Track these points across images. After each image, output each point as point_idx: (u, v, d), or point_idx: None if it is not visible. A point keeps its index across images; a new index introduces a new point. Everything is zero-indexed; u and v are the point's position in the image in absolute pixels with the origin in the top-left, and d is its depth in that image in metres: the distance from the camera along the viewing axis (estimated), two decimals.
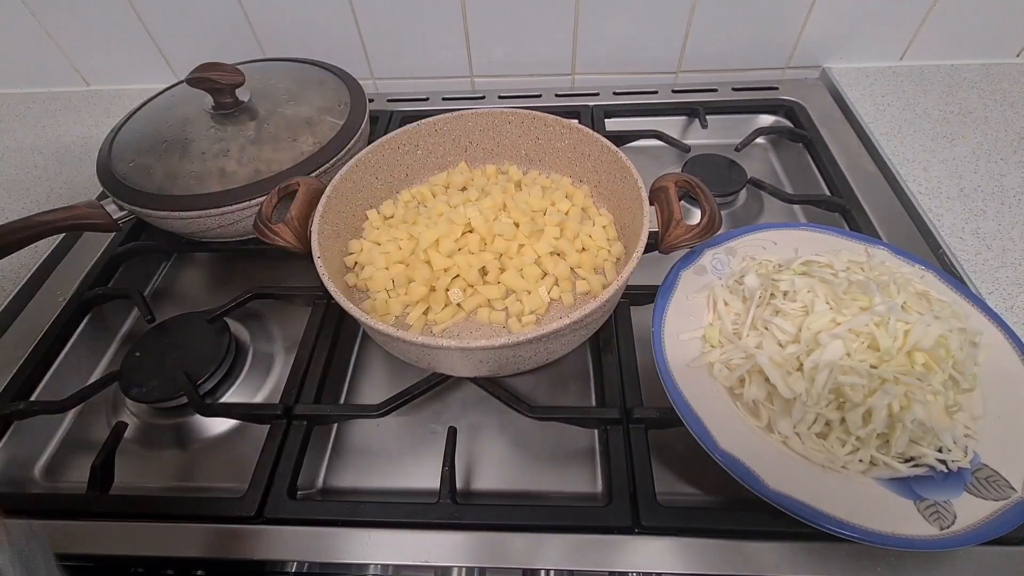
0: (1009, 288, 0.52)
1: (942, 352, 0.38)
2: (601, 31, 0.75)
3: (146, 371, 0.50)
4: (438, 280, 0.48)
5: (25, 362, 0.53)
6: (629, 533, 0.40)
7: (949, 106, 0.71)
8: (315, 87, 0.64)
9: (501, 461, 0.47)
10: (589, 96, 0.79)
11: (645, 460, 0.42)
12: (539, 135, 0.58)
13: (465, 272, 0.48)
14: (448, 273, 0.48)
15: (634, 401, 0.45)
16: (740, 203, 0.66)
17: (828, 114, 0.73)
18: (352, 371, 0.55)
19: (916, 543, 0.33)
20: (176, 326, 0.54)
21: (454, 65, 0.81)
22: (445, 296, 0.48)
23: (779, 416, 0.39)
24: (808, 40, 0.76)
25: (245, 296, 0.54)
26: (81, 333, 0.57)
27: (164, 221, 0.55)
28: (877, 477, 0.37)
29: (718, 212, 0.45)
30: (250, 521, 0.41)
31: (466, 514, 0.41)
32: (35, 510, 0.44)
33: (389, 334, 0.39)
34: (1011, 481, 0.36)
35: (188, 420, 0.51)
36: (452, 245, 0.49)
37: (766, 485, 0.36)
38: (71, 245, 0.65)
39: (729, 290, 0.47)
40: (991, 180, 0.62)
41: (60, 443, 0.52)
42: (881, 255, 0.48)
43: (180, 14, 0.77)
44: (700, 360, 0.43)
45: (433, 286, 0.48)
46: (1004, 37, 0.75)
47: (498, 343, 0.38)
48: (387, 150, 0.55)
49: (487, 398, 0.48)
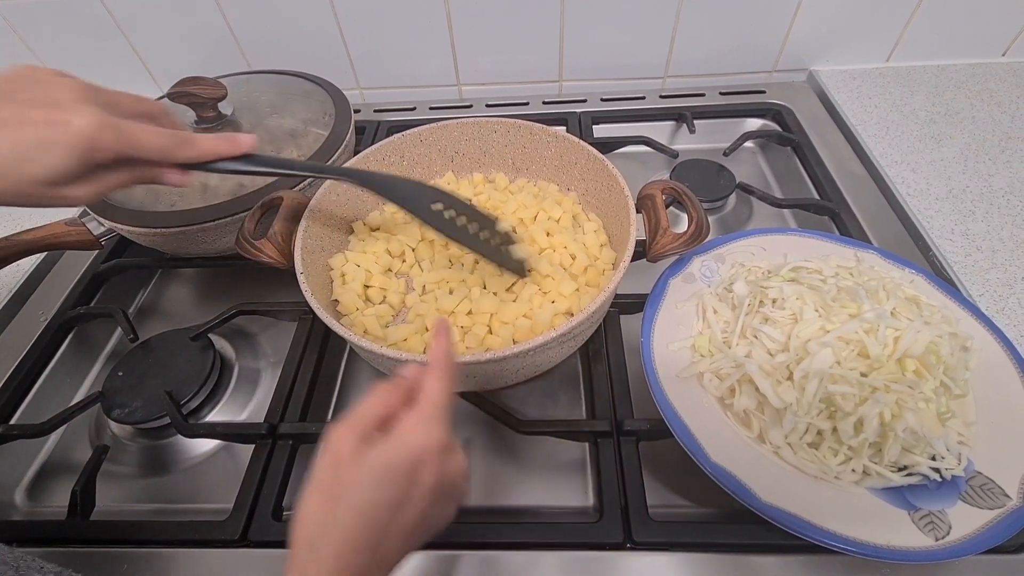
0: (1000, 289, 0.51)
1: (933, 358, 0.37)
2: (587, 37, 0.75)
3: (129, 391, 0.49)
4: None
5: (5, 384, 0.52)
6: (621, 549, 0.39)
7: (936, 107, 0.71)
8: (300, 99, 0.64)
9: (491, 476, 0.46)
10: (577, 103, 0.78)
11: (636, 473, 0.41)
12: (526, 144, 0.57)
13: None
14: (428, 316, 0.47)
15: (625, 413, 0.44)
16: (729, 208, 0.66)
17: (816, 117, 0.73)
18: (340, 386, 0.54)
19: (911, 555, 0.33)
20: (160, 344, 0.53)
21: (441, 74, 0.80)
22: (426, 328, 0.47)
23: (770, 426, 0.39)
24: (794, 43, 0.76)
25: (229, 312, 0.53)
26: (63, 353, 0.56)
27: (146, 238, 0.54)
28: (870, 487, 0.36)
29: (705, 219, 0.45)
30: (234, 544, 0.41)
31: (454, 533, 0.40)
32: (14, 537, 0.43)
33: (372, 350, 0.39)
34: (1006, 489, 0.35)
35: (172, 440, 0.50)
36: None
37: (758, 497, 0.35)
38: (53, 263, 0.64)
39: (718, 298, 0.46)
40: (979, 180, 0.61)
41: (42, 465, 0.51)
42: (871, 259, 0.48)
43: (164, 28, 0.77)
44: (690, 370, 0.42)
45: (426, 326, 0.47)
46: (990, 36, 0.75)
47: (484, 358, 0.38)
48: (372, 161, 0.55)
49: (476, 412, 0.47)
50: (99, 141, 0.29)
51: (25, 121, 0.28)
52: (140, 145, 0.31)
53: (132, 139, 0.31)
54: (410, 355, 0.38)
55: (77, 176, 0.30)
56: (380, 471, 0.26)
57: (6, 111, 0.28)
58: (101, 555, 0.41)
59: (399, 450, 0.27)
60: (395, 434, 0.27)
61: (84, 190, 0.31)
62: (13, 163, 0.28)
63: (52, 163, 0.29)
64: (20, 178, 0.29)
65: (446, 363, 0.30)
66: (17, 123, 0.28)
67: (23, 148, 0.28)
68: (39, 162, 0.29)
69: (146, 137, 0.31)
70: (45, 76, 0.31)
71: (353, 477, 0.26)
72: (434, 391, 0.29)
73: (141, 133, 0.31)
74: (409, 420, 0.28)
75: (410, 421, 0.28)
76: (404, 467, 0.26)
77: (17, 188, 0.29)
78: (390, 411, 0.29)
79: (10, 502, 0.48)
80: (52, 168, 0.29)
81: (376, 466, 0.26)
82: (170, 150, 0.33)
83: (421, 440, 0.27)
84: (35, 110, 0.29)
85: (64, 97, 0.30)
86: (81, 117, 0.29)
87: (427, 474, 0.27)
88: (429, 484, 0.27)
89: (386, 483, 0.26)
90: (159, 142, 0.32)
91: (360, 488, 0.26)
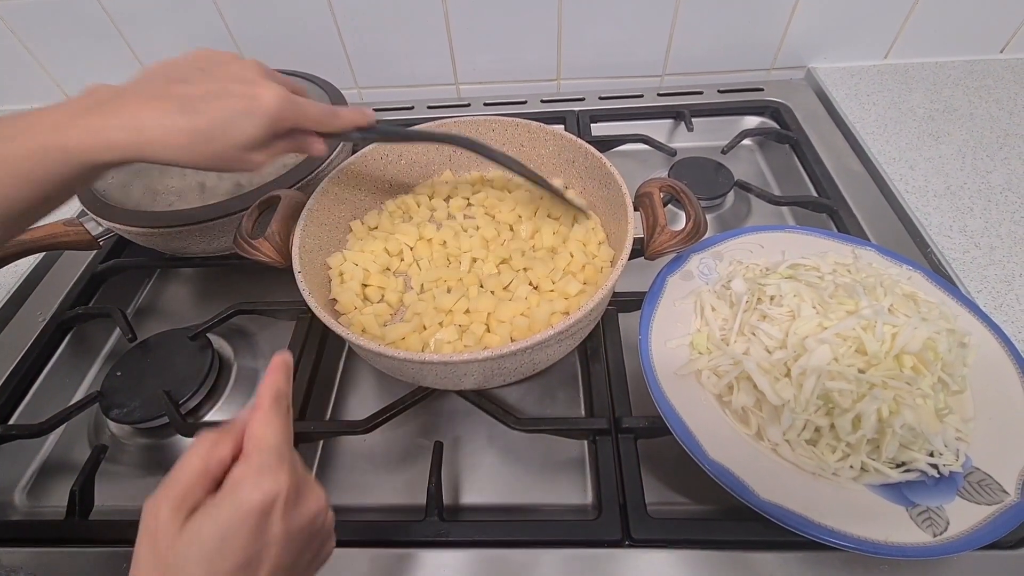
0: (998, 286, 0.51)
1: (930, 354, 0.37)
2: (585, 36, 0.75)
3: (127, 391, 0.49)
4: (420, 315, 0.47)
5: (4, 384, 0.52)
6: (619, 546, 0.39)
7: (934, 104, 0.71)
8: None
9: (489, 474, 0.46)
10: (575, 101, 0.78)
11: (635, 471, 0.41)
12: (523, 142, 0.57)
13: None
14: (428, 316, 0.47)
15: (623, 410, 0.44)
16: (728, 206, 0.66)
17: (814, 114, 0.73)
18: (339, 384, 0.54)
19: (909, 551, 0.33)
20: (158, 344, 0.53)
21: (439, 73, 0.80)
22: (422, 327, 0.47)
23: (768, 423, 0.39)
24: (792, 40, 0.76)
25: (228, 312, 0.53)
26: (62, 353, 0.56)
27: (144, 238, 0.54)
28: (868, 484, 0.36)
29: (703, 217, 0.45)
30: None
31: (453, 531, 0.40)
32: (12, 537, 0.43)
33: (371, 349, 0.39)
34: (1003, 484, 0.35)
35: (171, 440, 0.50)
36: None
37: (756, 494, 0.35)
38: (52, 264, 0.64)
39: (716, 295, 0.46)
40: (977, 177, 0.61)
41: (41, 465, 0.51)
42: (869, 256, 0.48)
43: (161, 28, 0.77)
44: (688, 367, 0.42)
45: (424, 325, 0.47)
46: (988, 33, 0.75)
47: (482, 356, 0.37)
48: (370, 161, 0.55)
49: (474, 410, 0.47)
50: (283, 111, 0.34)
51: (229, 94, 0.32)
52: (308, 116, 0.36)
53: (304, 111, 0.36)
54: (408, 354, 0.38)
55: (263, 142, 0.34)
56: (215, 539, 0.23)
57: (213, 85, 0.33)
58: (100, 555, 0.41)
59: (233, 510, 0.24)
60: (225, 492, 0.24)
61: (263, 155, 0.35)
62: (223, 129, 0.32)
63: (251, 130, 0.33)
64: (226, 142, 0.33)
65: (274, 401, 0.27)
66: (223, 95, 0.32)
67: (230, 116, 0.32)
68: (241, 128, 0.33)
69: (313, 110, 0.36)
70: (228, 58, 0.35)
71: (179, 551, 0.23)
72: (263, 434, 0.26)
73: (309, 107, 0.36)
74: (238, 473, 0.25)
75: (240, 474, 0.25)
76: (244, 527, 0.23)
77: (223, 151, 0.33)
78: (220, 465, 0.25)
79: (9, 502, 0.48)
80: (250, 135, 0.33)
81: (208, 535, 0.23)
82: (327, 120, 0.38)
83: (257, 494, 0.24)
84: (234, 84, 0.33)
85: (252, 75, 0.34)
86: (270, 91, 0.33)
87: (275, 526, 0.24)
88: (280, 536, 0.25)
89: (226, 551, 0.23)
90: (320, 114, 0.37)
91: (190, 563, 0.23)
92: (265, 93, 0.33)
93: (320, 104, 0.37)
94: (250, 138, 0.33)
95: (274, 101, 0.33)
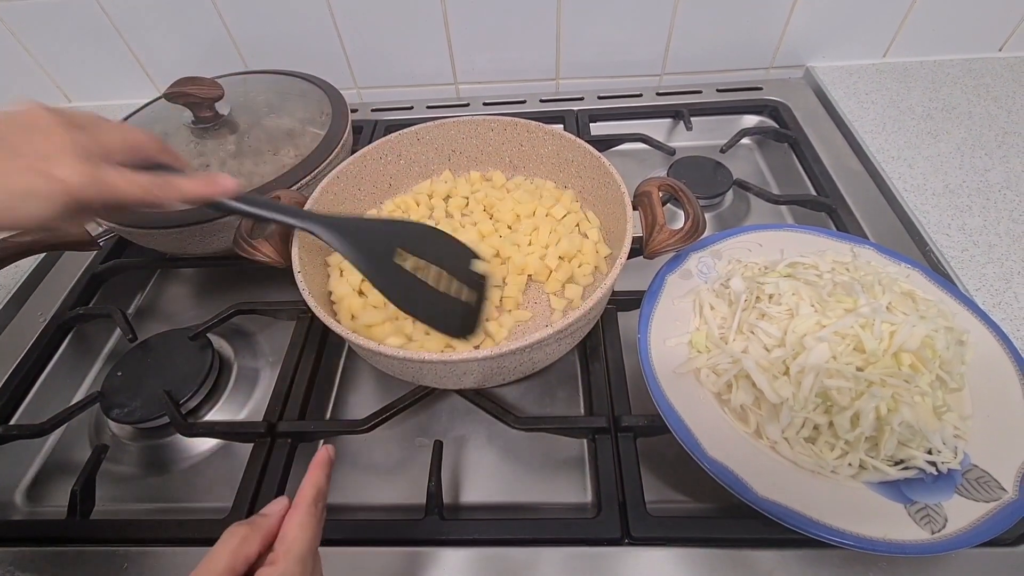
0: (996, 284, 0.51)
1: (928, 352, 0.37)
2: (584, 35, 0.75)
3: (128, 391, 0.49)
4: None
5: (5, 384, 0.52)
6: (619, 544, 0.39)
7: (933, 102, 0.71)
8: (296, 98, 0.64)
9: (489, 473, 0.46)
10: (573, 101, 0.78)
11: (634, 469, 0.41)
12: (522, 141, 0.57)
13: None
14: None
15: (622, 409, 0.44)
16: (727, 205, 0.66)
17: (812, 113, 0.73)
18: (339, 384, 0.54)
19: (907, 548, 0.33)
20: (159, 344, 0.53)
21: (438, 73, 0.80)
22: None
23: (767, 421, 0.39)
24: (791, 39, 0.76)
25: (228, 312, 0.54)
26: (63, 353, 0.56)
27: (144, 238, 0.54)
28: (867, 481, 0.37)
29: (702, 215, 0.45)
30: None
31: (453, 530, 0.40)
32: (12, 537, 0.43)
33: (371, 348, 0.39)
34: (1001, 481, 0.35)
35: (172, 440, 0.50)
36: None
37: (755, 492, 0.35)
38: (52, 264, 0.64)
39: (715, 294, 0.46)
40: (976, 175, 0.62)
41: (42, 465, 0.51)
42: (867, 255, 0.48)
43: (161, 29, 0.77)
44: (687, 366, 0.42)
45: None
46: (986, 31, 0.75)
47: (480, 355, 0.38)
48: (369, 160, 0.55)
49: (474, 409, 0.47)
50: (81, 194, 0.31)
51: (12, 170, 0.30)
52: (119, 195, 0.32)
53: (112, 190, 0.32)
54: (408, 353, 0.38)
55: (64, 218, 0.32)
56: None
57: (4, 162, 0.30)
58: (101, 554, 0.41)
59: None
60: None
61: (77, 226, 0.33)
62: (8, 207, 0.30)
63: (40, 211, 0.30)
64: (15, 219, 0.30)
65: (312, 504, 0.28)
66: (12, 173, 0.30)
67: (17, 195, 0.29)
68: (27, 210, 0.30)
69: (125, 187, 0.33)
70: (44, 122, 0.31)
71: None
72: (295, 537, 0.26)
73: (121, 184, 0.32)
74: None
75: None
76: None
77: (14, 226, 0.31)
78: (246, 562, 0.26)
79: (10, 502, 0.49)
80: (37, 215, 0.30)
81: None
82: (150, 196, 0.34)
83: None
84: (22, 159, 0.30)
85: (53, 149, 0.31)
86: (64, 169, 0.30)
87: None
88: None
89: None
90: (137, 191, 0.33)
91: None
92: (58, 172, 0.30)
93: (143, 179, 0.33)
94: (39, 218, 0.30)
95: (68, 182, 0.30)
